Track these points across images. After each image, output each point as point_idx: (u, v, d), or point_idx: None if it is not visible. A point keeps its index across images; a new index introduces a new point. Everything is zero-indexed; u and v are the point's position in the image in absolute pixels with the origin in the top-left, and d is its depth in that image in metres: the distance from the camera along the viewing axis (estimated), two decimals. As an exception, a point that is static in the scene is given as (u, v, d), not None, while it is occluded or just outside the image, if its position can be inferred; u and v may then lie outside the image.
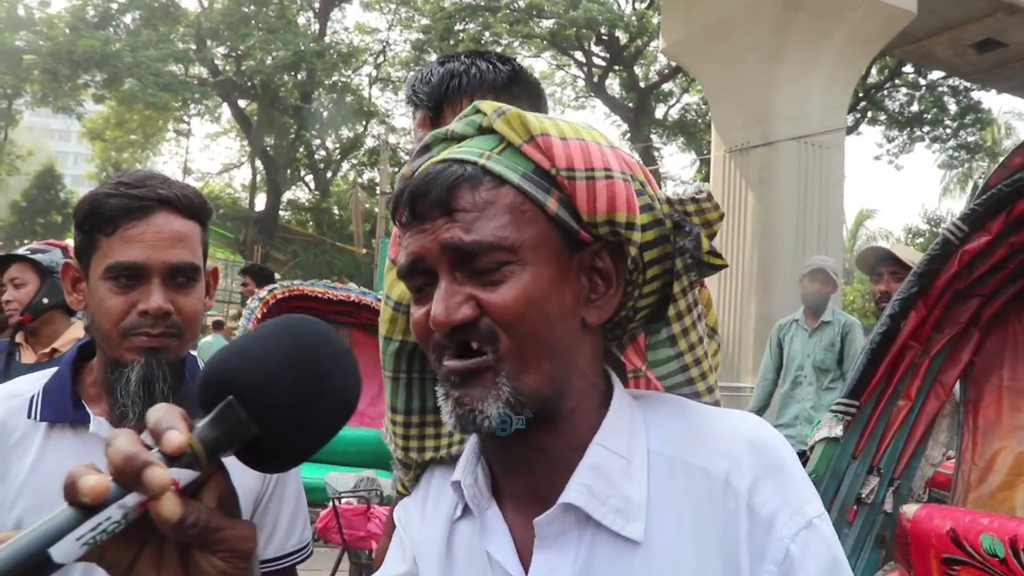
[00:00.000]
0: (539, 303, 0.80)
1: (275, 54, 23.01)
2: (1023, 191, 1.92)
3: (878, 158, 25.60)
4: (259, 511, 1.44)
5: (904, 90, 23.65)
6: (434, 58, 1.59)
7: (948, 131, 24.06)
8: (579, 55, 24.66)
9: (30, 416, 1.33)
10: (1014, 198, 1.93)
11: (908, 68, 21.96)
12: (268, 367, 0.66)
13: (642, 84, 24.96)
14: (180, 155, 30.19)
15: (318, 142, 28.26)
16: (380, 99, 27.83)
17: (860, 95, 21.68)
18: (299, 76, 24.89)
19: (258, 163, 27.13)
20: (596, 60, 24.70)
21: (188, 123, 27.98)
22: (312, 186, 30.11)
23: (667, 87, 25.41)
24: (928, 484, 2.22)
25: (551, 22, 22.62)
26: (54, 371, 1.40)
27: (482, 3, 22.77)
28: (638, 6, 23.45)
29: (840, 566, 0.82)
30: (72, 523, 0.57)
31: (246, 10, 23.65)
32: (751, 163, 11.69)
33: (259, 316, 5.43)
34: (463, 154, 0.83)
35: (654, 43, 22.28)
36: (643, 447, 0.86)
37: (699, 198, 0.88)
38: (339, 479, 4.68)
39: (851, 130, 21.83)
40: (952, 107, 23.41)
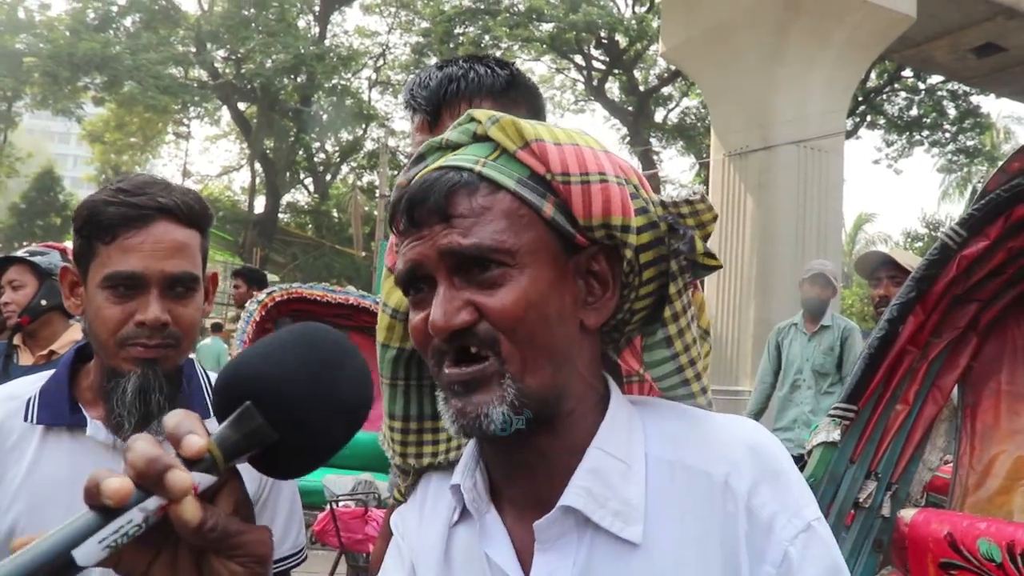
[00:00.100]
0: (538, 306, 0.81)
1: (275, 57, 23.03)
2: (1022, 196, 1.92)
3: (877, 162, 25.68)
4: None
5: (903, 94, 23.67)
6: (434, 61, 1.59)
7: (947, 135, 24.07)
8: (579, 59, 24.68)
9: (27, 419, 1.32)
10: (1013, 203, 1.93)
11: (907, 72, 21.98)
12: (285, 373, 0.67)
13: (642, 88, 24.98)
14: (179, 158, 30.19)
15: (317, 145, 28.27)
16: (380, 102, 27.90)
17: (859, 99, 21.70)
18: (299, 79, 24.90)
19: (257, 166, 27.13)
20: (596, 64, 24.72)
21: (188, 126, 28.05)
22: (311, 189, 30.11)
23: (666, 91, 25.43)
24: (926, 488, 2.22)
25: (551, 26, 22.65)
26: (51, 374, 1.40)
27: (482, 7, 22.80)
28: (638, 10, 23.47)
29: (839, 569, 0.82)
30: (94, 526, 0.57)
31: (246, 13, 23.67)
32: (750, 167, 11.71)
33: (257, 319, 5.42)
34: (459, 161, 0.84)
35: (654, 47, 22.31)
36: (641, 451, 0.87)
37: (693, 200, 0.88)
38: (337, 482, 4.68)
39: (850, 134, 21.84)
40: (951, 111, 23.43)
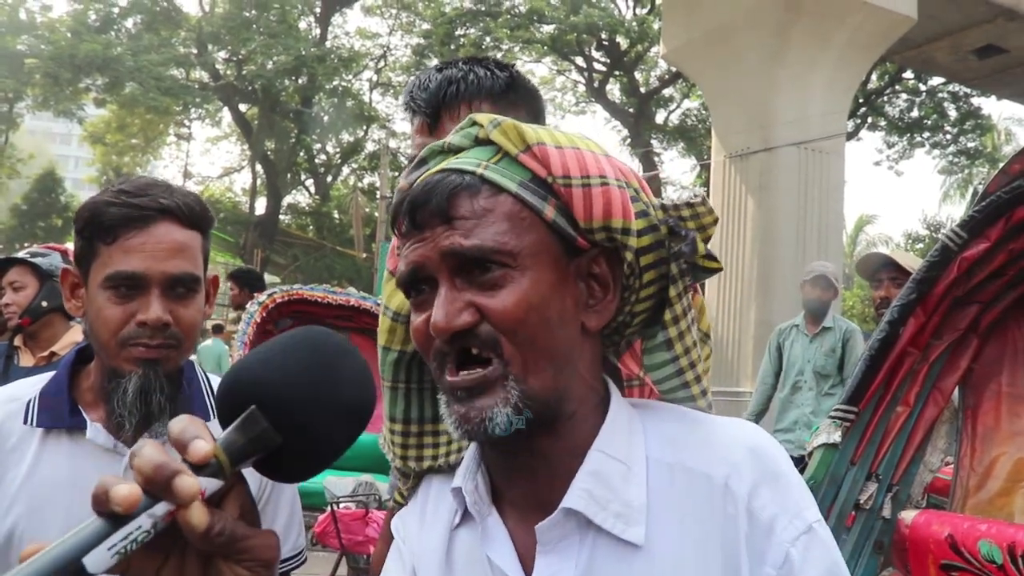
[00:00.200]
0: (539, 308, 0.81)
1: (276, 58, 23.04)
2: (1022, 198, 1.92)
3: (878, 163, 25.66)
4: None
5: (904, 96, 23.66)
6: (434, 63, 1.59)
7: (948, 137, 24.06)
8: (580, 60, 24.68)
9: (26, 421, 1.32)
10: (1013, 205, 1.93)
11: (908, 74, 21.98)
12: (289, 377, 0.67)
13: (642, 89, 24.98)
14: (181, 159, 30.33)
15: (319, 146, 28.28)
16: (381, 104, 27.91)
17: (860, 101, 21.69)
18: (300, 80, 24.92)
19: (258, 167, 27.14)
20: (596, 65, 24.72)
21: (189, 127, 28.06)
22: (312, 190, 30.11)
23: (667, 92, 25.44)
24: (927, 490, 2.22)
25: (552, 27, 22.66)
26: (51, 375, 1.40)
27: (483, 8, 22.82)
28: (639, 12, 23.48)
29: (840, 571, 0.82)
30: (103, 533, 0.57)
31: (247, 15, 23.68)
32: (751, 168, 11.70)
33: (258, 320, 5.42)
34: (461, 164, 0.84)
35: (655, 48, 22.30)
36: (642, 453, 0.87)
37: (693, 203, 0.89)
38: (337, 483, 4.68)
39: (851, 135, 21.83)
40: (952, 113, 23.42)
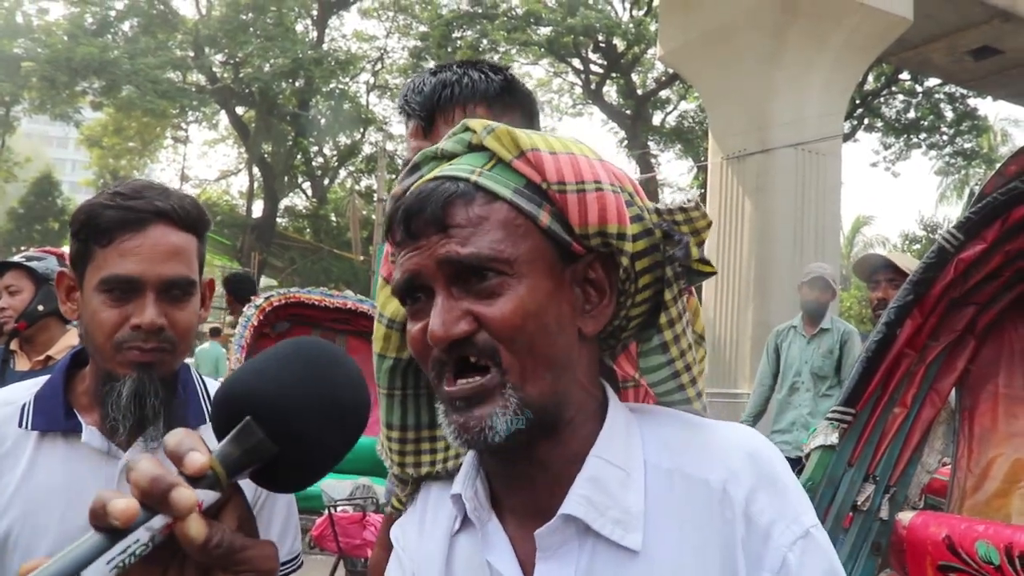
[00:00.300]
0: (536, 315, 0.81)
1: (273, 61, 23.03)
2: (1018, 199, 1.92)
3: (875, 165, 25.61)
4: None
5: (901, 97, 23.70)
6: (431, 66, 1.59)
7: (945, 138, 24.10)
8: (576, 62, 24.70)
9: (21, 425, 1.32)
10: (1010, 206, 1.93)
11: (905, 75, 22.01)
12: (283, 387, 0.67)
13: (639, 91, 25.00)
14: (178, 162, 30.22)
15: (316, 149, 28.26)
16: (378, 106, 27.90)
17: (857, 102, 21.73)
18: (297, 83, 24.91)
19: (255, 170, 27.13)
20: (593, 67, 24.74)
21: (186, 130, 28.01)
22: (309, 193, 30.10)
23: (664, 94, 25.45)
24: (924, 491, 2.22)
25: (548, 29, 22.67)
26: (47, 379, 1.39)
27: (480, 11, 22.82)
28: (635, 13, 23.51)
29: (837, 575, 0.82)
30: (102, 547, 0.57)
31: (244, 18, 23.68)
32: (748, 170, 11.71)
33: (255, 323, 5.41)
34: (455, 171, 0.84)
35: (651, 50, 22.32)
36: (640, 458, 0.87)
37: (687, 207, 0.89)
38: (335, 487, 4.67)
39: (848, 137, 21.86)
40: (949, 114, 23.45)
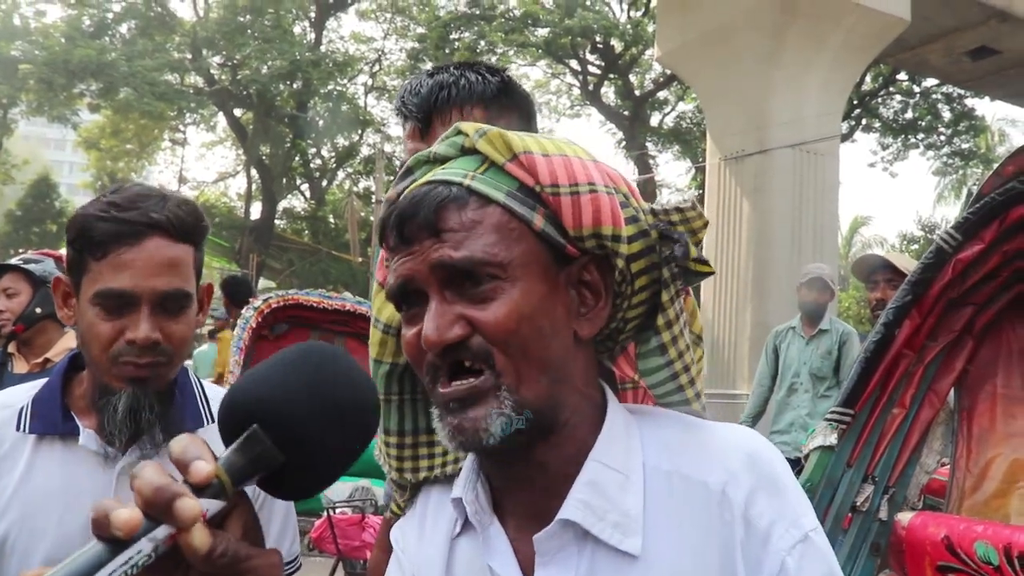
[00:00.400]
0: (531, 319, 0.80)
1: (271, 63, 23.01)
2: (1016, 199, 1.93)
3: (873, 165, 25.60)
4: None
5: (898, 97, 23.70)
6: (428, 67, 1.59)
7: (942, 138, 24.12)
8: (574, 63, 24.70)
9: (19, 428, 1.31)
10: (1007, 206, 1.94)
11: (902, 75, 22.03)
12: (290, 394, 0.66)
13: (637, 92, 25.00)
14: (176, 164, 30.12)
15: (314, 151, 28.25)
16: (376, 108, 27.88)
17: (855, 102, 21.74)
18: (295, 85, 24.89)
19: (254, 172, 27.10)
20: (591, 68, 24.74)
21: (184, 132, 27.92)
22: (308, 195, 30.08)
23: (662, 95, 25.46)
24: (923, 491, 2.22)
25: (546, 31, 22.67)
26: (44, 382, 1.39)
27: (477, 12, 22.82)
28: (633, 14, 23.52)
29: None
30: (104, 558, 0.56)
31: (242, 19, 23.66)
32: (746, 170, 11.71)
33: (254, 325, 5.39)
34: (448, 175, 0.83)
35: (649, 51, 22.30)
36: (639, 461, 0.86)
37: (683, 207, 0.88)
38: (334, 488, 4.66)
39: (846, 137, 21.88)
40: (946, 114, 23.47)
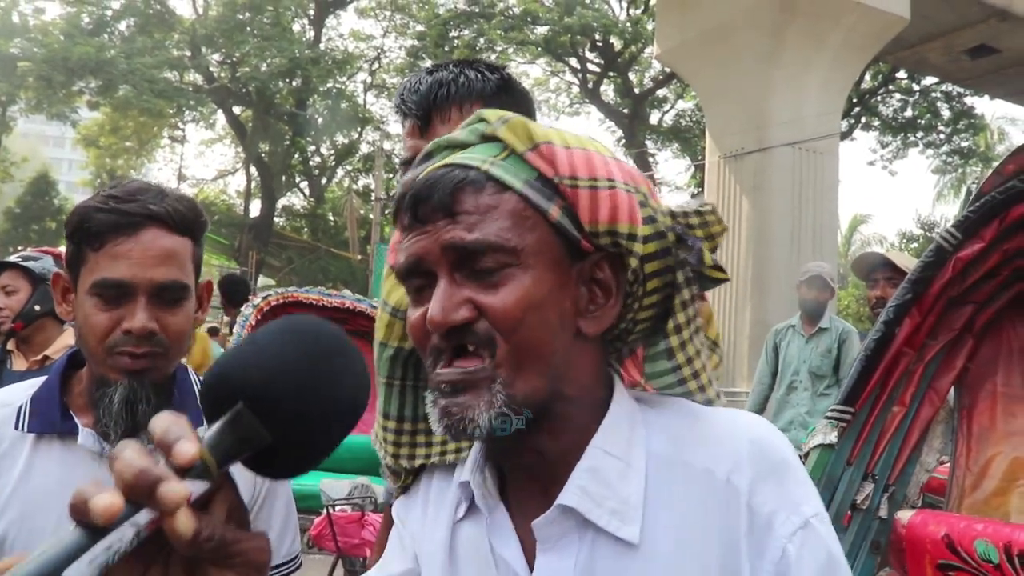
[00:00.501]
0: (538, 308, 0.80)
1: (270, 61, 23.02)
2: (1016, 198, 1.92)
3: (872, 163, 25.55)
4: None
5: (898, 96, 23.73)
6: (428, 65, 1.59)
7: (942, 136, 24.14)
8: (573, 61, 24.71)
9: (18, 427, 1.31)
10: (1007, 205, 1.94)
11: (902, 74, 22.04)
12: (278, 370, 0.63)
13: (636, 90, 25.01)
14: (175, 162, 30.26)
15: (313, 148, 28.26)
16: (375, 105, 27.91)
17: (854, 101, 21.74)
18: (294, 83, 24.89)
19: (253, 169, 27.12)
20: (590, 66, 24.75)
21: (183, 130, 27.92)
22: (307, 192, 30.08)
23: (661, 93, 25.47)
24: (923, 490, 2.22)
25: (545, 29, 22.68)
26: (43, 380, 1.38)
27: (477, 10, 22.82)
28: (632, 12, 23.51)
29: (837, 564, 0.81)
30: (83, 545, 0.53)
31: (241, 17, 23.66)
32: (745, 168, 11.72)
33: (253, 323, 5.41)
34: (466, 159, 0.82)
35: (648, 49, 22.32)
36: (642, 449, 0.86)
37: (703, 211, 0.88)
38: (333, 486, 4.66)
39: (845, 135, 21.88)
40: (945, 113, 23.49)
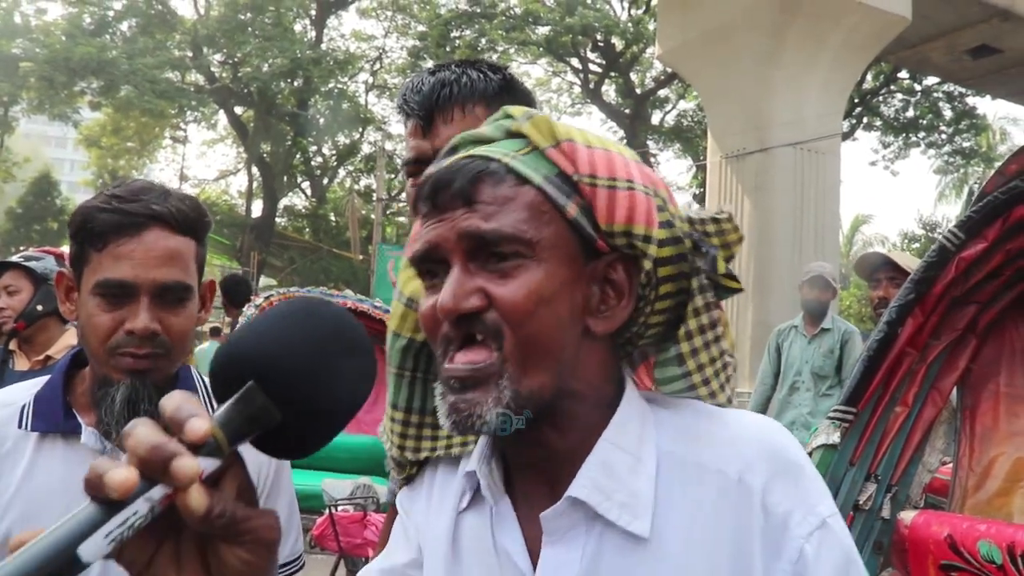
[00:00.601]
0: (548, 302, 0.80)
1: (272, 61, 23.02)
2: (1019, 198, 1.92)
3: (874, 163, 25.52)
4: None
5: (900, 96, 23.71)
6: (430, 65, 1.58)
7: (943, 136, 24.12)
8: (575, 62, 24.71)
9: (21, 426, 1.31)
10: (1010, 205, 1.93)
11: (903, 74, 22.03)
12: (288, 348, 0.63)
13: (638, 90, 25.02)
14: (176, 162, 30.16)
15: (315, 149, 28.26)
16: (376, 106, 27.93)
17: (856, 101, 21.74)
18: (295, 83, 24.90)
19: (255, 170, 27.12)
20: (592, 67, 24.76)
21: (185, 130, 27.94)
22: (309, 193, 30.11)
23: (663, 93, 25.47)
24: (925, 490, 2.22)
25: (547, 29, 22.69)
26: (46, 380, 1.38)
27: (478, 10, 22.82)
28: (634, 13, 23.51)
29: (854, 564, 0.82)
30: (99, 519, 0.54)
31: (242, 17, 23.67)
32: (747, 169, 11.72)
33: (255, 323, 5.41)
34: (488, 152, 0.83)
35: (650, 49, 22.32)
36: (652, 445, 0.86)
37: (720, 218, 0.87)
38: (335, 486, 4.66)
39: (847, 136, 21.86)
40: (947, 113, 23.48)
